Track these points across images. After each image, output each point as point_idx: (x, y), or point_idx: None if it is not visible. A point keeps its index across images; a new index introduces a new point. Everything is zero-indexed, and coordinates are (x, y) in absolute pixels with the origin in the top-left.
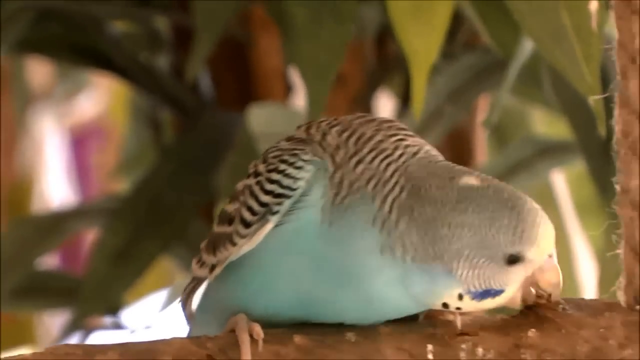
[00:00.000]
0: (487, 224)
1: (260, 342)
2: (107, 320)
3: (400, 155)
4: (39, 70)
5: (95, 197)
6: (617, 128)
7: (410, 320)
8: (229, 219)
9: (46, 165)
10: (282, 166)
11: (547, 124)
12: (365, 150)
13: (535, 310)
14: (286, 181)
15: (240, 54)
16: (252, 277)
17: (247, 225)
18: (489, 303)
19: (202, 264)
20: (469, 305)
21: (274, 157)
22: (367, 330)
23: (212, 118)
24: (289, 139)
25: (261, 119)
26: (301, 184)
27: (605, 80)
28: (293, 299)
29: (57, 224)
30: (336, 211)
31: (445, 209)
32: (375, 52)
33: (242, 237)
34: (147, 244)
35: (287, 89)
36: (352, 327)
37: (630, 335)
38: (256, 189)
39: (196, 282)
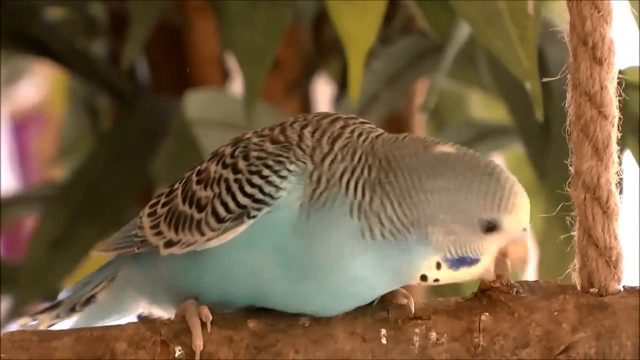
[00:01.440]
0: (463, 188)
1: (209, 324)
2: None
3: (365, 140)
4: None
5: (36, 184)
6: (570, 110)
7: (364, 305)
8: (198, 204)
9: None
10: (266, 171)
11: (485, 107)
12: (336, 148)
13: (489, 294)
14: (268, 188)
15: (177, 39)
16: (211, 266)
17: (219, 220)
18: (465, 273)
19: (158, 232)
20: (447, 275)
21: (258, 158)
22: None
23: (149, 104)
24: (273, 141)
25: (198, 105)
26: (283, 194)
27: (543, 64)
28: (253, 292)
29: None
30: (314, 205)
31: (420, 176)
32: (311, 37)
33: (213, 230)
34: (85, 230)
35: (224, 75)
36: None
37: (583, 319)
38: (234, 186)
39: (139, 245)
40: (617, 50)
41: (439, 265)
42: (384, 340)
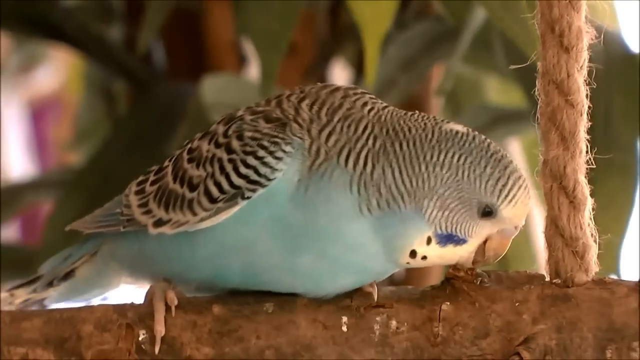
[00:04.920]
0: (468, 167)
1: (173, 309)
2: None
3: (370, 110)
4: None
5: (52, 169)
6: (540, 98)
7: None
8: (190, 183)
9: (5, 138)
10: (261, 152)
11: (501, 91)
12: (335, 119)
13: (452, 283)
14: (263, 169)
15: (193, 25)
16: (204, 243)
17: (212, 200)
18: (450, 252)
19: (147, 211)
20: (435, 252)
21: (252, 138)
22: (285, 302)
23: (165, 89)
24: (268, 119)
25: (214, 90)
26: (278, 175)
27: None
28: (246, 267)
29: (13, 196)
30: (313, 177)
31: (425, 148)
32: (328, 21)
33: (205, 210)
34: None
35: (240, 60)
36: (271, 298)
37: (545, 310)
38: (228, 167)
39: (125, 224)
40: (585, 38)
41: (429, 240)
42: (344, 328)
